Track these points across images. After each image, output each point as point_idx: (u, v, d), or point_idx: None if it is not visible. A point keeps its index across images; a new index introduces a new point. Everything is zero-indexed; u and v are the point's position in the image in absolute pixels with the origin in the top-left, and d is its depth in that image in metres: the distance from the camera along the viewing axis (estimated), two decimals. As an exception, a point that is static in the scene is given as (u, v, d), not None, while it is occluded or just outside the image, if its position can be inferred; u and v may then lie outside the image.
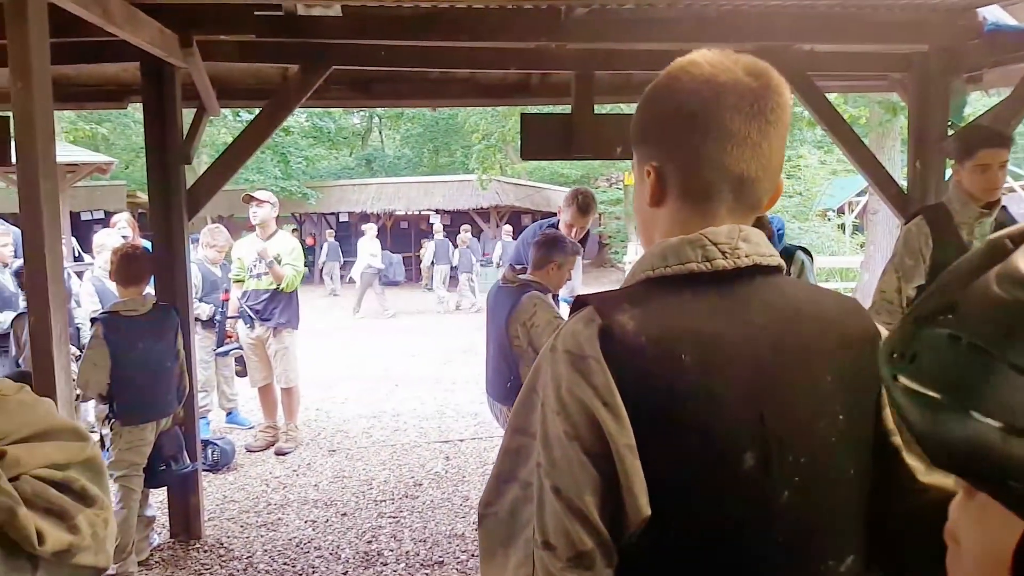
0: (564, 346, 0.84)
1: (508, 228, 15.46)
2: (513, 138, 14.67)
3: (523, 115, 4.13)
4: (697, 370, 0.81)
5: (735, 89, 0.86)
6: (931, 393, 0.34)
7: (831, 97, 4.67)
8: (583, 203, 4.00)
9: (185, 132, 3.68)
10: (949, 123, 4.02)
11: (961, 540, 0.40)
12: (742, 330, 0.84)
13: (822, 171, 19.33)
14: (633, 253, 15.47)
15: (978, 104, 6.88)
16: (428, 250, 15.40)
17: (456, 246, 14.78)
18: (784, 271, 0.92)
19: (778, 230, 3.29)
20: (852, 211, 20.26)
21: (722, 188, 0.88)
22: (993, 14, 3.81)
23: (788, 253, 3.61)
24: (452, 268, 14.78)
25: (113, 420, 3.35)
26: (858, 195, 19.96)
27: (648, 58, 3.95)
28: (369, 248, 13.42)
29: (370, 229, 13.79)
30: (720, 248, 0.86)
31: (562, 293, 4.46)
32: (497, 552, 0.86)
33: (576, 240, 3.82)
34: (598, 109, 4.20)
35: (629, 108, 6.68)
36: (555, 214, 4.37)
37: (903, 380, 0.36)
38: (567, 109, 4.23)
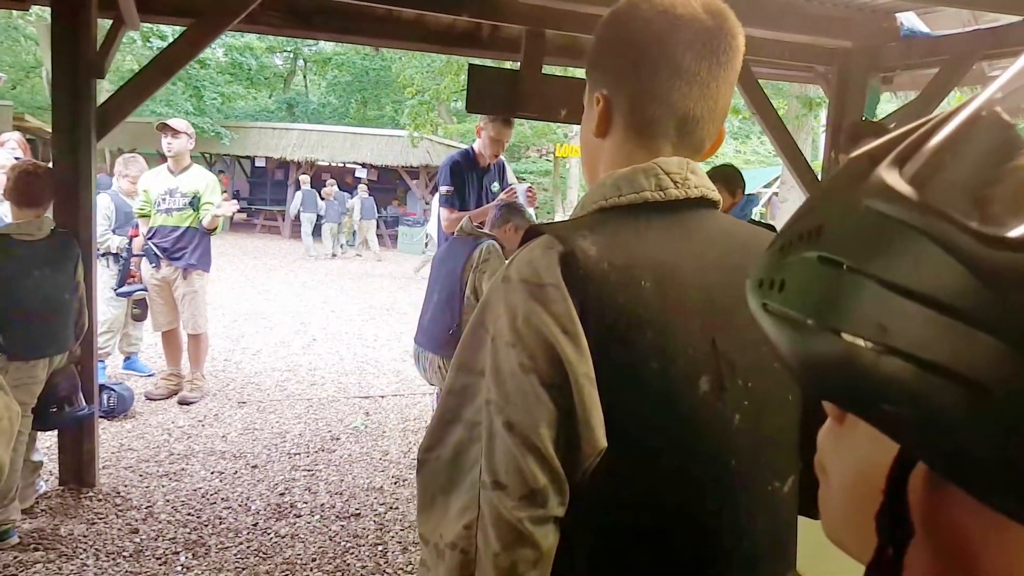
0: (520, 275, 0.81)
1: (331, 187, 15.57)
2: (448, 96, 14.40)
3: (471, 66, 4.01)
4: (656, 297, 0.80)
5: (691, 25, 0.85)
6: (798, 316, 0.32)
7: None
8: (505, 118, 4.08)
9: (99, 45, 3.33)
10: (863, 118, 4.26)
11: (828, 469, 0.39)
12: (693, 259, 0.84)
13: (736, 160, 19.93)
14: (557, 223, 15.52)
15: (888, 105, 7.25)
16: (296, 200, 15.71)
17: (323, 198, 15.19)
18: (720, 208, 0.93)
19: (755, 204, 3.41)
20: (760, 200, 21.19)
21: (667, 125, 0.88)
22: (909, 20, 4.14)
23: None
24: (319, 218, 15.20)
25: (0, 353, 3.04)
26: (765, 186, 20.87)
27: (596, 22, 3.87)
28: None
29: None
30: (672, 178, 0.86)
31: None
32: (436, 499, 0.82)
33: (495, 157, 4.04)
34: (545, 70, 4.11)
35: (577, 72, 6.61)
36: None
37: (772, 307, 0.34)
38: (513, 66, 4.13)
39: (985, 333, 0.26)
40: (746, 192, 3.74)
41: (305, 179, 15.75)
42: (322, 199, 15.15)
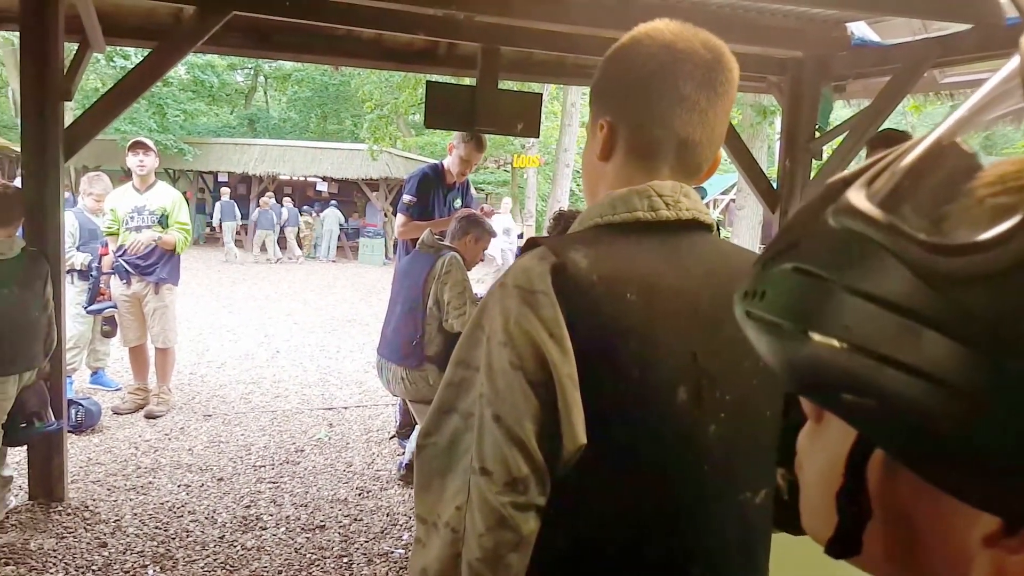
0: (515, 282, 0.88)
1: (268, 199, 17.32)
2: (406, 110, 14.49)
3: (428, 83, 4.12)
4: (641, 309, 0.86)
5: (691, 58, 0.92)
6: (776, 320, 0.37)
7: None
8: (480, 139, 4.25)
9: (66, 68, 3.41)
10: (816, 127, 4.36)
11: (804, 465, 0.43)
12: (680, 276, 0.90)
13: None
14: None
15: (842, 112, 7.44)
16: (216, 210, 17.29)
17: (258, 206, 17.07)
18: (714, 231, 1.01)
19: (701, 198, 3.50)
20: (717, 207, 21.60)
21: (667, 148, 0.94)
22: (860, 30, 4.20)
23: None
24: (242, 225, 17.32)
25: (-31, 371, 3.09)
26: (723, 193, 21.30)
27: (550, 38, 4.04)
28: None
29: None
30: (664, 200, 0.92)
31: None
32: (434, 481, 0.89)
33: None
34: (501, 85, 4.25)
35: (532, 86, 6.76)
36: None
37: (755, 314, 0.39)
38: (471, 82, 4.25)
39: (932, 330, 0.30)
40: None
41: (225, 191, 17.41)
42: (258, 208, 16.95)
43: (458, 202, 4.45)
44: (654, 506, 0.88)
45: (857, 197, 0.35)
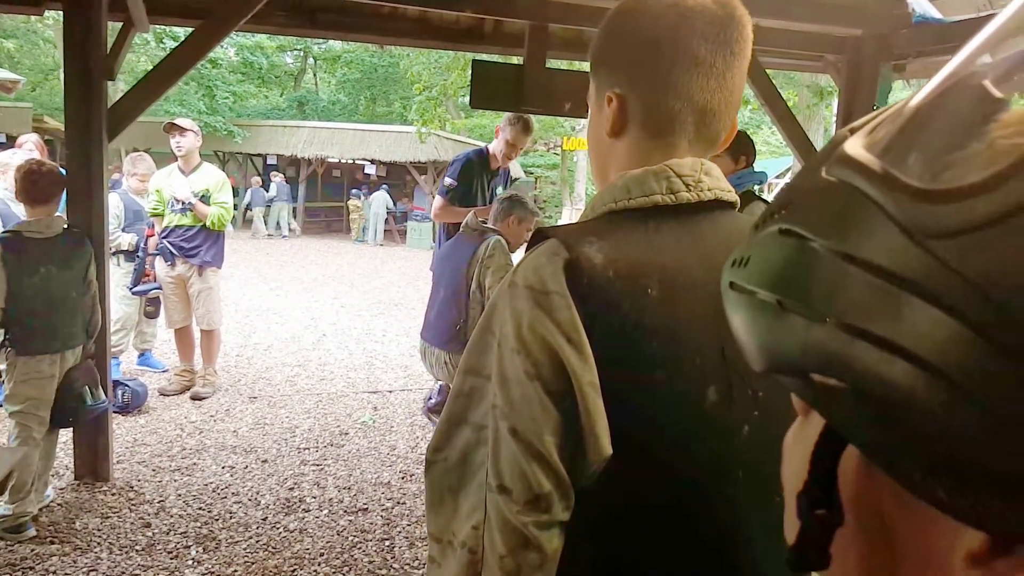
0: (525, 281, 0.80)
1: (257, 180, 18.33)
2: (455, 92, 14.40)
3: (474, 62, 4.02)
4: (663, 305, 0.79)
5: (703, 15, 0.82)
6: (753, 288, 0.32)
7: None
8: (527, 123, 4.19)
9: (109, 47, 3.38)
10: (875, 108, 4.15)
11: (784, 466, 0.38)
12: (704, 264, 0.81)
13: (748, 151, 19.81)
14: (567, 218, 15.51)
15: (901, 93, 7.19)
16: (247, 195, 18.07)
17: (249, 186, 17.98)
18: (738, 208, 0.90)
19: (760, 181, 3.29)
20: (772, 190, 21.12)
21: (686, 119, 0.85)
22: (921, 6, 4.04)
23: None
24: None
25: (8, 349, 3.10)
26: (777, 176, 20.83)
27: (600, 15, 3.84)
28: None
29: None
30: (684, 180, 0.84)
31: None
32: (446, 499, 0.82)
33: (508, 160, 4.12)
34: (549, 64, 4.12)
35: (581, 65, 6.59)
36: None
37: (736, 284, 0.34)
38: (518, 61, 4.15)
39: (913, 295, 0.25)
40: (753, 168, 3.57)
41: (277, 175, 18.22)
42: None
43: (500, 189, 4.39)
44: (685, 515, 0.81)
45: (854, 146, 0.30)
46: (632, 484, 0.79)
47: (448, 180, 4.19)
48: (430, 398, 4.58)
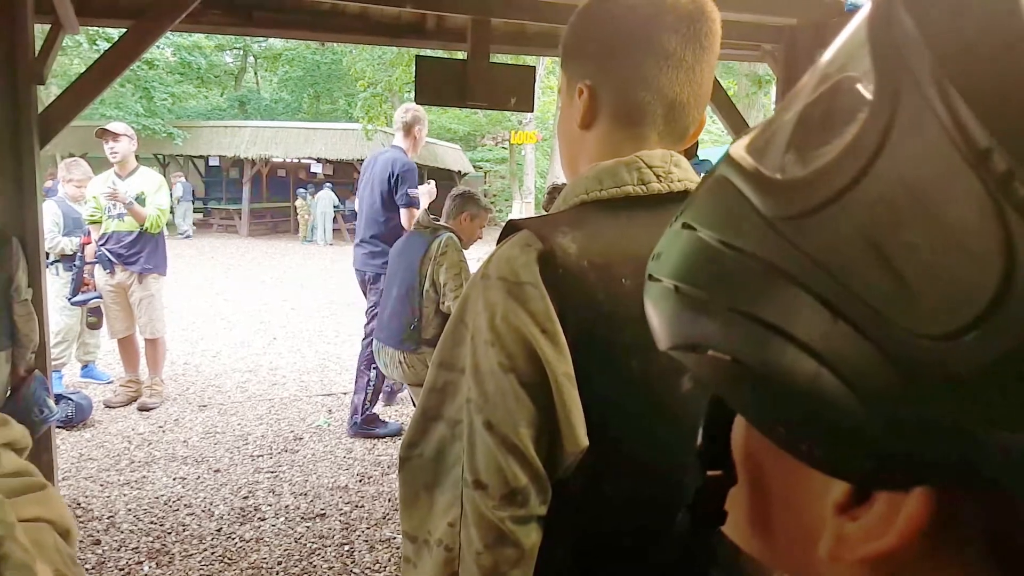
0: (498, 273, 0.79)
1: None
2: (400, 88, 14.28)
3: (418, 58, 3.98)
4: (637, 293, 0.77)
5: (674, 9, 0.84)
6: (661, 278, 0.35)
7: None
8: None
9: (37, 50, 3.25)
10: None
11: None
12: None
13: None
14: (517, 211, 15.55)
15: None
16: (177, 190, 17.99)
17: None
18: None
19: (705, 170, 3.37)
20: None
21: (655, 111, 0.86)
22: None
23: None
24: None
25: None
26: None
27: (543, 9, 3.91)
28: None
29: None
30: (655, 171, 0.84)
31: None
32: (420, 496, 0.81)
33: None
34: (493, 59, 4.12)
35: (525, 60, 6.63)
36: (442, 169, 4.50)
37: (653, 275, 0.37)
38: (462, 56, 4.13)
39: (775, 275, 0.28)
40: (698, 157, 3.62)
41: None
42: None
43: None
44: (662, 506, 0.80)
45: (737, 147, 0.33)
46: (606, 475, 0.79)
47: (413, 191, 4.23)
48: (354, 414, 4.47)
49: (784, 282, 0.28)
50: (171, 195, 16.30)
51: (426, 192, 4.40)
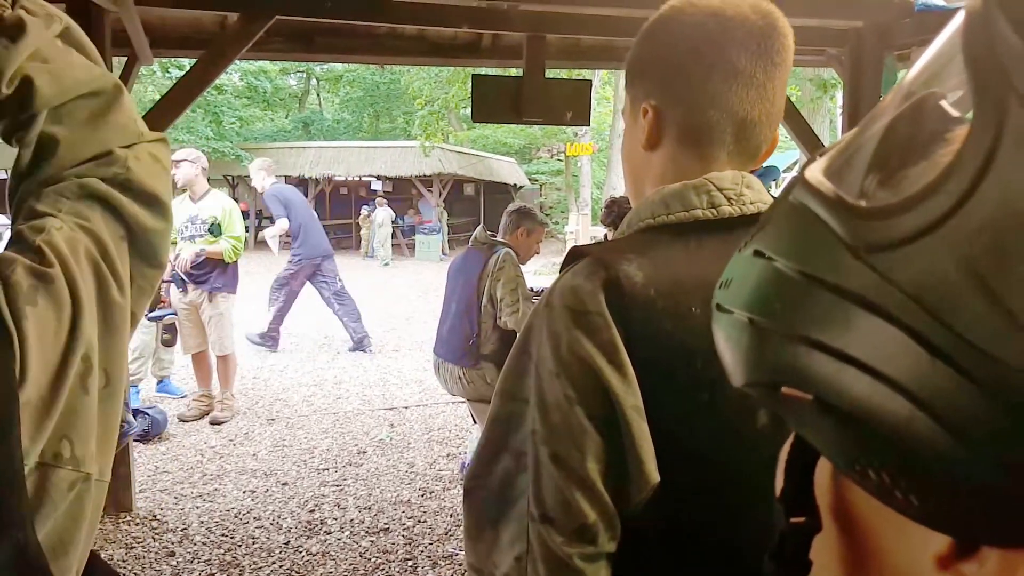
0: (563, 301, 0.77)
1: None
2: (456, 105, 14.49)
3: (474, 76, 4.04)
4: (707, 323, 0.76)
5: (743, 25, 0.80)
6: (731, 308, 0.34)
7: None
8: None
9: (114, 81, 3.44)
10: (880, 98, 4.12)
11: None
12: None
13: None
14: (574, 224, 15.52)
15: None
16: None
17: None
18: None
19: (773, 178, 3.31)
20: (779, 186, 21.03)
21: (725, 130, 0.83)
22: None
23: None
24: None
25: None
26: (785, 170, 20.71)
27: (599, 23, 3.91)
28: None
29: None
30: (725, 194, 0.81)
31: None
32: (486, 529, 0.80)
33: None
34: (549, 74, 4.14)
35: (581, 74, 6.65)
36: (497, 183, 4.48)
37: (722, 306, 0.35)
38: (517, 73, 4.17)
39: (859, 308, 0.26)
40: (763, 165, 3.55)
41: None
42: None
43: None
44: (736, 547, 0.75)
45: (813, 171, 0.31)
46: (679, 512, 0.76)
47: None
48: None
49: (873, 317, 0.26)
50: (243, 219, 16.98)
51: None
